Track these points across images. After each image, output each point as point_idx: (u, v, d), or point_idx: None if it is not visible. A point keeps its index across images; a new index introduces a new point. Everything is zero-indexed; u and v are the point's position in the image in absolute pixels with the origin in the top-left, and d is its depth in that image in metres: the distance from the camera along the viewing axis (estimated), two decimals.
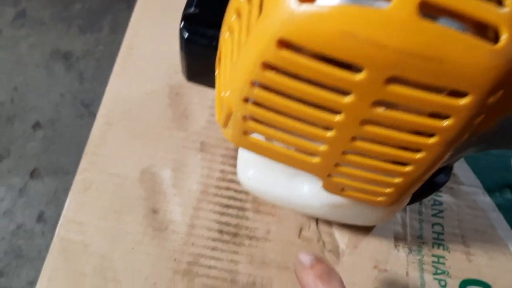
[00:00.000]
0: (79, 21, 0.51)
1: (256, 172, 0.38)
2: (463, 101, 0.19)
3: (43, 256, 0.42)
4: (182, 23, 0.34)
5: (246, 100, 0.24)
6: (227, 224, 0.45)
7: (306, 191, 0.35)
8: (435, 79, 0.18)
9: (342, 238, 0.46)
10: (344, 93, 0.21)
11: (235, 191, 0.47)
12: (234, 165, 0.48)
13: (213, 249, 0.44)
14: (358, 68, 0.19)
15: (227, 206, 0.46)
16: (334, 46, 0.19)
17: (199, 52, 0.34)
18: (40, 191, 0.45)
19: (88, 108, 0.49)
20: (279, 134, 0.26)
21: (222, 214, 0.46)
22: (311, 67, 0.20)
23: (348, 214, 0.36)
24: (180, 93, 0.51)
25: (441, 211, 0.51)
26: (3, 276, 0.39)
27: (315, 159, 0.27)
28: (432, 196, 0.53)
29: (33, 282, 0.40)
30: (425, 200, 0.52)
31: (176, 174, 0.47)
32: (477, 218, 0.51)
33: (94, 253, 0.42)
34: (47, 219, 0.44)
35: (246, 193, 0.47)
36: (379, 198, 0.30)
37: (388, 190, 0.29)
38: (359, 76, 0.19)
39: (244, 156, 0.40)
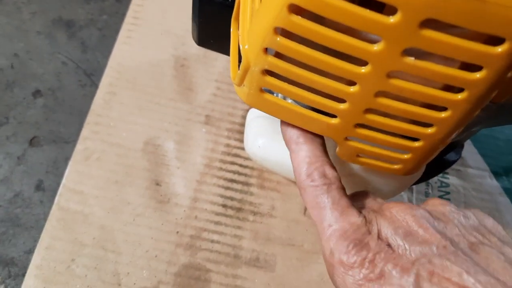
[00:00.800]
0: None
1: (267, 141, 0.37)
2: (500, 49, 0.18)
3: (41, 225, 0.41)
4: None
5: (266, 51, 0.23)
6: (231, 198, 0.44)
7: None
8: (474, 23, 0.17)
9: None
10: (373, 41, 0.19)
11: (240, 165, 0.46)
12: (240, 140, 0.47)
13: (217, 223, 0.43)
14: (391, 11, 0.18)
15: (232, 181, 0.45)
16: None
17: (213, 12, 0.33)
18: (39, 160, 0.43)
19: (90, 78, 0.48)
20: (298, 91, 0.25)
21: (227, 188, 0.44)
22: (343, 8, 0.18)
23: (359, 185, 0.35)
24: (186, 65, 0.50)
25: (447, 193, 0.50)
26: None
27: (334, 120, 0.26)
28: (439, 177, 0.52)
29: (31, 251, 0.39)
30: (431, 181, 0.51)
31: (180, 146, 0.45)
32: (484, 201, 0.50)
33: (94, 224, 0.41)
34: (46, 188, 0.42)
35: (252, 168, 0.46)
36: (396, 166, 0.29)
37: (406, 156, 0.27)
38: (393, 19, 0.18)
39: (255, 125, 0.39)
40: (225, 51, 0.37)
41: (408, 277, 0.20)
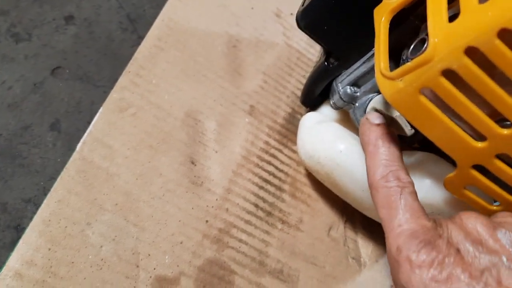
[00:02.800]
0: None
1: (350, 146, 0.35)
2: None
3: (49, 172, 0.33)
4: None
5: (469, 50, 0.22)
6: (264, 200, 0.40)
7: None
8: None
9: (365, 248, 0.43)
10: None
11: (276, 168, 0.42)
12: (279, 141, 0.43)
13: (247, 222, 0.38)
14: None
15: (266, 182, 0.41)
16: None
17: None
18: (60, 95, 0.36)
19: (133, 24, 0.41)
20: (467, 102, 0.23)
21: (261, 188, 0.40)
22: None
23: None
24: (238, 47, 0.46)
25: None
26: None
27: (480, 144, 0.25)
28: None
29: (30, 200, 0.31)
30: None
31: (221, 129, 0.41)
32: None
33: (118, 187, 0.34)
34: (62, 131, 0.35)
35: (286, 174, 0.42)
36: (495, 207, 0.29)
37: None
38: None
39: (330, 130, 0.37)
40: (331, 43, 0.35)
41: (477, 284, 0.20)
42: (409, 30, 0.31)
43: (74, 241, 0.31)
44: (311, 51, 0.50)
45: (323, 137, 0.36)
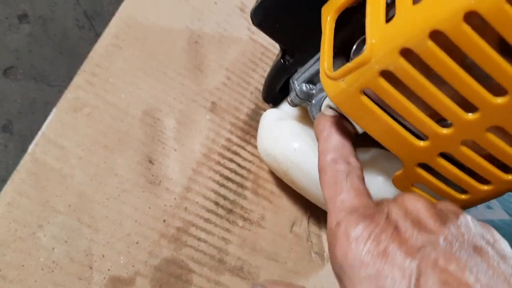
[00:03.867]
0: None
1: (304, 144, 0.35)
2: None
3: (0, 174, 0.33)
4: None
5: (404, 51, 0.22)
6: (225, 197, 0.40)
7: None
8: None
9: None
10: None
11: (238, 165, 0.42)
12: (242, 137, 0.43)
13: (206, 220, 0.38)
14: None
15: (228, 179, 0.41)
16: None
17: None
18: (13, 96, 0.35)
19: (90, 21, 0.41)
20: (407, 103, 0.23)
21: (222, 185, 0.40)
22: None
23: None
24: (199, 43, 0.45)
25: None
26: None
27: (423, 143, 0.25)
28: None
29: None
30: None
31: (180, 127, 0.40)
32: None
33: (72, 189, 0.34)
34: (15, 132, 0.34)
35: (248, 170, 0.42)
36: None
37: (464, 196, 0.28)
38: None
39: (288, 128, 0.36)
40: (284, 40, 0.35)
41: (412, 261, 0.20)
42: (358, 28, 0.30)
43: (24, 244, 0.31)
44: (277, 46, 0.49)
45: (280, 135, 0.36)
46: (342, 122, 0.29)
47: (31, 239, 0.31)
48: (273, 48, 0.49)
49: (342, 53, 0.33)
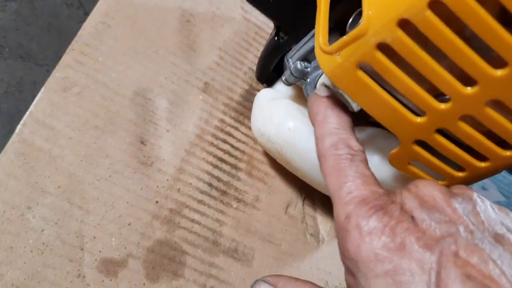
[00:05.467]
0: None
1: (298, 124, 0.34)
2: None
3: None
4: None
5: (402, 23, 0.21)
6: (218, 179, 0.40)
7: None
8: None
9: (324, 225, 0.43)
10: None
11: (232, 146, 0.41)
12: (235, 118, 0.43)
13: (200, 202, 0.38)
14: None
15: (221, 160, 0.40)
16: None
17: None
18: (0, 75, 0.34)
19: None
20: (404, 77, 0.23)
21: (215, 167, 0.40)
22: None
23: None
24: (192, 22, 0.44)
25: None
26: None
27: (420, 119, 0.24)
28: None
29: None
30: None
31: (173, 107, 0.40)
32: None
33: (61, 169, 0.33)
34: (2, 112, 0.33)
35: (243, 152, 0.42)
36: (441, 182, 0.29)
37: (461, 174, 0.27)
38: None
39: (282, 107, 0.36)
40: (278, 16, 0.34)
41: (431, 254, 0.18)
42: (354, 2, 0.30)
43: (13, 225, 0.30)
44: (271, 25, 0.48)
45: (274, 115, 0.35)
46: (338, 103, 0.28)
47: (20, 221, 0.30)
48: (267, 27, 0.48)
49: (338, 30, 0.32)
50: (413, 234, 0.19)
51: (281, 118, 0.35)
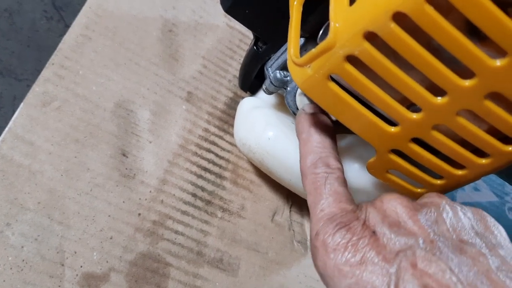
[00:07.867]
0: None
1: (278, 133, 0.34)
2: None
3: None
4: None
5: (368, 36, 0.21)
6: (203, 189, 0.39)
7: None
8: None
9: None
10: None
11: (216, 155, 0.41)
12: (220, 127, 0.42)
13: (184, 213, 0.38)
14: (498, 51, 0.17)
15: (206, 170, 0.40)
16: None
17: None
18: None
19: (59, 12, 0.40)
20: (374, 88, 0.23)
21: (199, 176, 0.40)
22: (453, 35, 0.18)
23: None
24: (174, 31, 0.44)
25: None
26: None
27: (394, 129, 0.24)
28: None
29: None
30: None
31: (155, 118, 0.40)
32: None
33: (41, 185, 0.33)
34: None
35: (227, 160, 0.42)
36: (419, 190, 0.29)
37: (439, 181, 0.27)
38: (499, 62, 0.18)
39: (262, 116, 0.36)
40: (255, 26, 0.34)
41: (390, 267, 0.19)
42: (327, 12, 0.29)
43: None
44: None
45: (254, 124, 0.35)
46: (322, 121, 0.28)
47: None
48: (251, 34, 0.48)
49: (313, 39, 0.32)
50: (374, 249, 0.20)
51: (261, 128, 0.34)
